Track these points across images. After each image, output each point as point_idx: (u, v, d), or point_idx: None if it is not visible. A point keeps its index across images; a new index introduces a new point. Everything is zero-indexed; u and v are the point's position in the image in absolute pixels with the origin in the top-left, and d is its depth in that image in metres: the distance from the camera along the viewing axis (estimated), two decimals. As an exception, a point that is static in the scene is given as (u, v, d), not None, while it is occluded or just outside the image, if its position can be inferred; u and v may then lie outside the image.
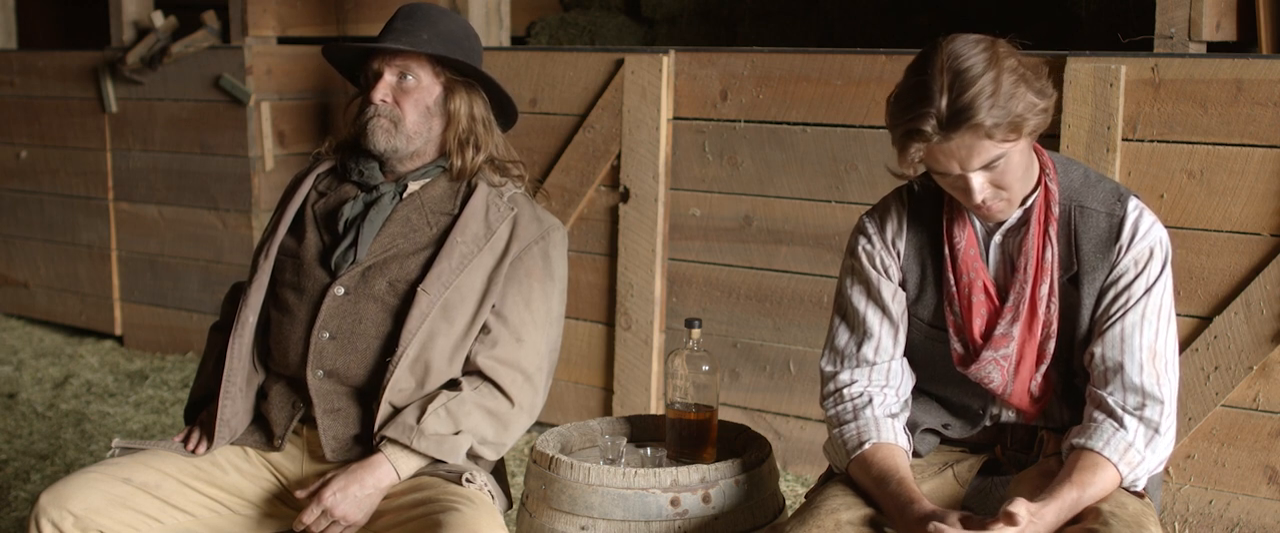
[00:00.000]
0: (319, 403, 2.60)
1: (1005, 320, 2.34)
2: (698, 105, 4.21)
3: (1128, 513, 2.22)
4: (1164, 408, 2.28)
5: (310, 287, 2.65)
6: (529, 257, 2.66)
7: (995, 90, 2.14)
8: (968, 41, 2.20)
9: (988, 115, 2.13)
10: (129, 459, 2.58)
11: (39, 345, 5.88)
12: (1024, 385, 2.38)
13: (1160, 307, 2.31)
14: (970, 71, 2.14)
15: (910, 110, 2.17)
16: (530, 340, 2.64)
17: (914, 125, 2.15)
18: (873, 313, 2.43)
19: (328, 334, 2.60)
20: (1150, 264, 2.30)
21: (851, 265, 2.47)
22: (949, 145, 2.17)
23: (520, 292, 2.64)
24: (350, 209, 2.67)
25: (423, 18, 2.66)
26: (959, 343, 2.38)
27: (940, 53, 2.18)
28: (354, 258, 2.63)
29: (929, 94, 2.14)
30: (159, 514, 2.53)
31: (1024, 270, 2.33)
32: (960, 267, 2.36)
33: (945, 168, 2.21)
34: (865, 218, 2.48)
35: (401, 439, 2.52)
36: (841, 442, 2.40)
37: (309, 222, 2.72)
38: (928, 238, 2.42)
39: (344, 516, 2.49)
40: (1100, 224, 2.32)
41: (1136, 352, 2.28)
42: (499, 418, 2.61)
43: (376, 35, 2.66)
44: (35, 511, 2.45)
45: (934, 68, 2.16)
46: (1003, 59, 2.17)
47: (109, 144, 5.75)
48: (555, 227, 2.73)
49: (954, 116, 2.13)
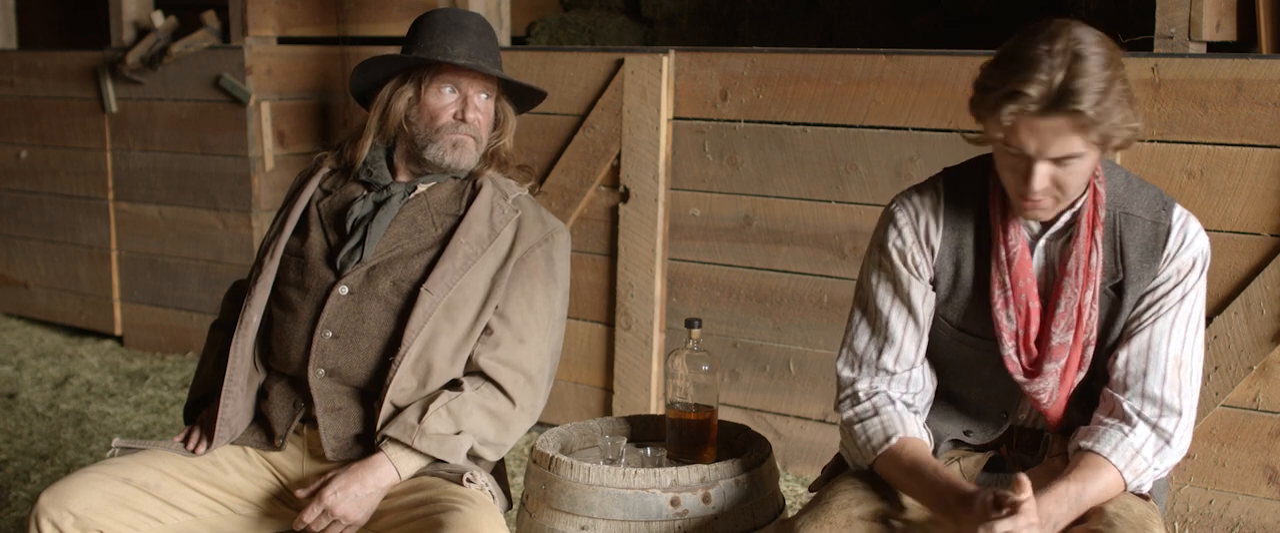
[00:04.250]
0: (320, 402, 2.61)
1: (1059, 328, 2.28)
2: (698, 105, 4.21)
3: (1132, 515, 2.21)
4: (1180, 421, 2.25)
5: (314, 285, 2.65)
6: (532, 258, 2.66)
7: (1107, 90, 2.09)
8: (1094, 35, 2.13)
9: (1092, 109, 2.07)
10: (129, 459, 2.58)
11: (39, 345, 5.88)
12: (1066, 396, 2.33)
13: (1190, 316, 2.28)
14: (1092, 61, 2.08)
15: (1020, 73, 2.08)
16: (532, 342, 2.64)
17: (1020, 87, 2.08)
18: (898, 315, 2.37)
19: (330, 333, 2.60)
20: (1190, 274, 2.27)
21: (880, 261, 2.39)
22: (1040, 123, 2.10)
23: (523, 293, 2.64)
24: (360, 209, 2.67)
25: (478, 32, 2.69)
26: (1019, 354, 2.32)
27: (1069, 32, 2.11)
28: (360, 257, 2.63)
29: (1046, 65, 2.08)
30: (159, 514, 2.53)
31: (1074, 276, 2.27)
32: (1016, 272, 2.29)
33: (1022, 144, 2.13)
34: (897, 209, 2.39)
35: (403, 439, 2.52)
36: (866, 439, 2.35)
37: (314, 221, 2.72)
38: (969, 236, 2.34)
39: (344, 515, 2.49)
40: (1146, 232, 2.28)
41: (1161, 361, 2.25)
42: (500, 419, 2.61)
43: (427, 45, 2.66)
44: (35, 511, 2.45)
45: (1058, 43, 2.09)
46: (1120, 66, 2.13)
47: (109, 144, 5.75)
48: (559, 229, 2.73)
49: (1062, 95, 2.07)
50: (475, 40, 2.67)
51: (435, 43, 2.65)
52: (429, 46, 2.65)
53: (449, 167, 2.67)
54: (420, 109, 2.65)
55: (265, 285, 2.68)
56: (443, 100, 2.64)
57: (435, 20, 2.70)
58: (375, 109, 2.69)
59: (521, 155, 2.88)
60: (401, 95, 2.66)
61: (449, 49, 2.63)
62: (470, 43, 2.66)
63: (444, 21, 2.69)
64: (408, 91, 2.65)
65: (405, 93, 2.65)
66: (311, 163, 2.84)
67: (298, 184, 2.81)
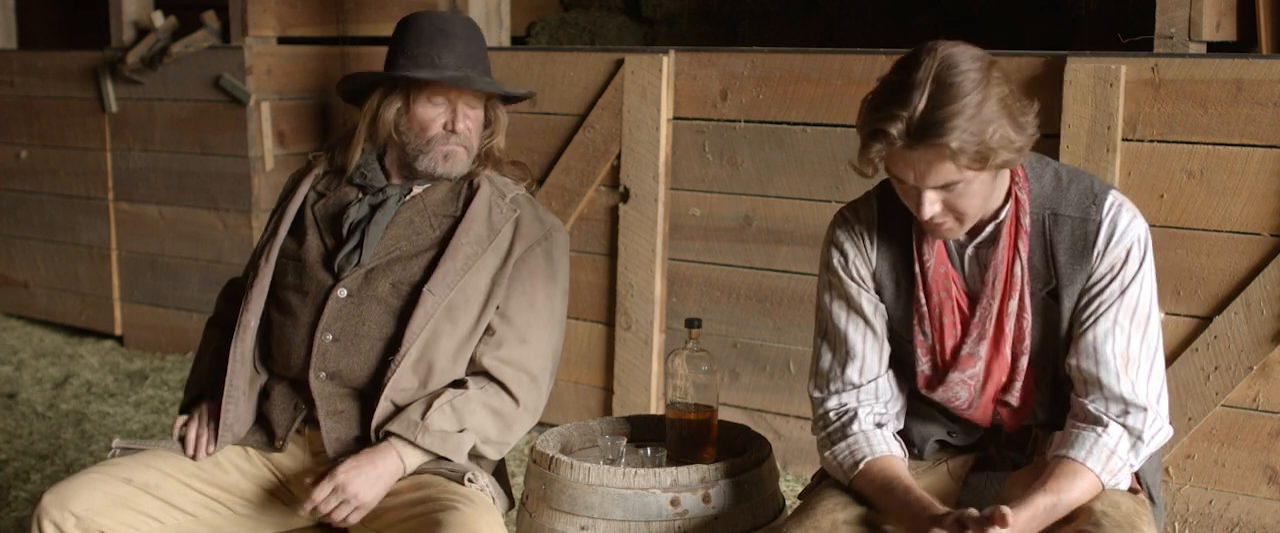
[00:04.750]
0: (322, 405, 2.61)
1: (971, 338, 2.28)
2: (698, 105, 4.21)
3: (1120, 513, 2.20)
4: (1146, 414, 2.23)
5: (313, 289, 2.65)
6: (532, 258, 2.66)
7: (975, 115, 2.04)
8: (965, 55, 2.09)
9: (956, 138, 2.04)
10: (130, 460, 2.58)
11: (39, 345, 5.87)
12: (988, 404, 2.33)
13: (1134, 308, 2.23)
14: (957, 87, 2.04)
15: (882, 110, 2.07)
16: (535, 341, 2.64)
17: (881, 126, 2.06)
18: (855, 329, 2.37)
19: (330, 336, 2.60)
20: (1126, 265, 2.23)
21: (828, 280, 2.40)
22: (910, 155, 2.08)
23: (524, 293, 2.64)
24: (356, 212, 2.66)
25: (466, 38, 2.66)
26: (927, 365, 2.33)
27: (933, 57, 2.07)
28: (358, 260, 2.63)
29: (907, 98, 2.05)
30: (160, 515, 2.53)
31: (992, 286, 2.25)
32: (930, 285, 2.28)
33: (902, 175, 2.14)
34: (836, 226, 2.39)
35: (406, 435, 2.53)
36: (836, 464, 2.37)
37: (310, 224, 2.71)
38: (898, 250, 2.34)
39: (355, 493, 2.49)
40: (1075, 231, 2.24)
41: (1110, 360, 2.22)
42: (503, 417, 2.61)
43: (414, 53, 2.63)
44: (37, 511, 2.45)
45: (921, 71, 2.06)
46: (994, 84, 2.07)
47: (109, 144, 5.75)
48: (557, 228, 2.73)
49: (923, 129, 2.04)
50: (463, 48, 2.64)
51: (422, 52, 2.62)
52: (416, 56, 2.62)
53: (441, 176, 2.66)
54: (410, 120, 2.63)
55: (262, 289, 2.68)
56: (432, 111, 2.63)
57: (422, 26, 2.66)
58: (364, 117, 2.67)
59: (521, 155, 2.88)
60: (390, 105, 2.64)
61: (437, 59, 2.61)
62: (458, 51, 2.63)
63: (430, 28, 2.65)
64: (397, 102, 2.63)
65: (394, 103, 2.64)
66: (304, 164, 2.83)
67: (290, 186, 2.80)
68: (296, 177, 2.81)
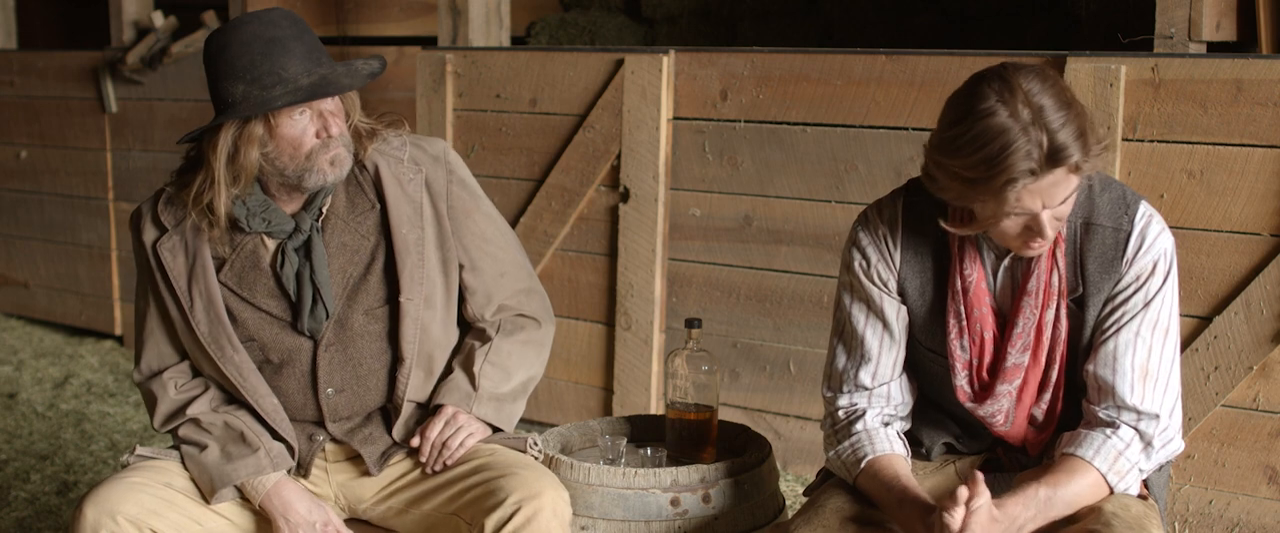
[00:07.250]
0: (348, 440, 2.61)
1: (1015, 349, 2.27)
2: (698, 105, 4.21)
3: (1130, 515, 2.20)
4: (1158, 424, 2.24)
5: (290, 357, 2.57)
6: (454, 198, 2.64)
7: (1078, 121, 2.06)
8: (1032, 72, 2.09)
9: (1080, 152, 2.06)
10: (157, 467, 2.53)
11: (39, 345, 5.87)
12: (1024, 416, 2.33)
13: (1156, 321, 2.24)
14: (1052, 104, 2.05)
15: (1003, 156, 2.03)
16: (508, 263, 2.69)
17: (1015, 173, 2.03)
18: (872, 333, 2.37)
19: (332, 390, 2.59)
20: (1151, 278, 2.24)
21: (849, 282, 2.39)
22: (1039, 184, 2.07)
23: (472, 233, 2.65)
24: (290, 265, 2.53)
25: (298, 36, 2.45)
26: (967, 381, 2.32)
27: (1016, 88, 2.05)
28: (326, 314, 2.55)
29: (1023, 137, 2.03)
30: (201, 518, 2.52)
31: (1035, 296, 2.25)
32: (971, 302, 2.28)
33: (1028, 207, 2.10)
34: (859, 227, 2.38)
35: (463, 408, 2.58)
36: (840, 463, 2.38)
37: (239, 300, 2.55)
38: (928, 259, 2.33)
39: (465, 423, 2.55)
40: (1106, 240, 2.25)
41: (1128, 372, 2.23)
42: (537, 344, 2.69)
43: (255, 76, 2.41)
44: (79, 521, 2.38)
45: (1015, 104, 2.04)
46: (1063, 87, 2.09)
47: (109, 144, 5.75)
48: (444, 149, 2.66)
49: (1053, 156, 2.04)
50: (299, 47, 2.43)
51: (264, 72, 2.40)
52: (260, 77, 2.40)
53: (334, 183, 2.50)
54: (278, 144, 2.44)
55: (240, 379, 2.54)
56: (299, 125, 2.44)
57: (246, 41, 2.42)
58: (217, 159, 2.44)
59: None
60: (249, 139, 2.43)
61: (282, 71, 2.40)
62: (297, 53, 2.43)
63: (258, 43, 2.42)
64: (256, 132, 2.42)
65: (253, 134, 2.43)
66: (134, 223, 2.61)
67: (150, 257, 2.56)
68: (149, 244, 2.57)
